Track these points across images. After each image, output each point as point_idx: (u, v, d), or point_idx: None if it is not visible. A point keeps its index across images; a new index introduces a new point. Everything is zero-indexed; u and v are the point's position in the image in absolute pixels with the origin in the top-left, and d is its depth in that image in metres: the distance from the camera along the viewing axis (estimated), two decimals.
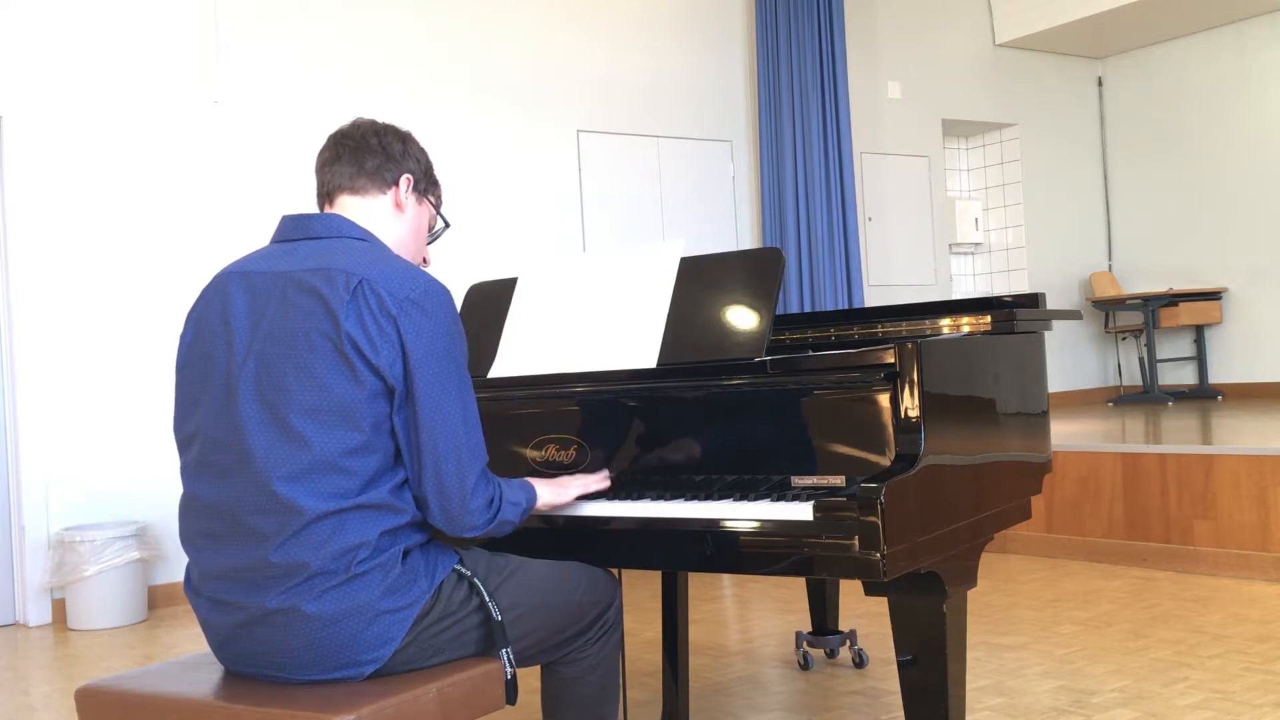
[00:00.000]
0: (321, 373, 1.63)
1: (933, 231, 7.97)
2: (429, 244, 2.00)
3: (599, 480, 2.03)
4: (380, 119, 1.95)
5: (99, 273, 4.94)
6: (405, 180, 1.89)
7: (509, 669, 1.73)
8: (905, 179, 7.83)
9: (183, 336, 1.80)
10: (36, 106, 4.85)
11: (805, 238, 6.75)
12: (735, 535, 1.82)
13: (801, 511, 1.74)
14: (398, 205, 1.89)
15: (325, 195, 1.88)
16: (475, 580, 1.75)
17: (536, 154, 6.20)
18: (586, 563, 1.94)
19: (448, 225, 2.02)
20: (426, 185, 1.94)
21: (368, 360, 1.63)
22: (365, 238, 1.80)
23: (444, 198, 6.35)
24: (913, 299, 7.49)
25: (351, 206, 1.85)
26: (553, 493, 1.94)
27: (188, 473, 1.74)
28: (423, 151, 1.95)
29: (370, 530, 1.63)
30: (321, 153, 1.90)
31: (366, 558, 1.63)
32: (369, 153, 1.86)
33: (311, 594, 1.61)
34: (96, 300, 4.92)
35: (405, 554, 1.68)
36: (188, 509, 1.74)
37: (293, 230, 1.81)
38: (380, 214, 1.86)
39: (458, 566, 1.76)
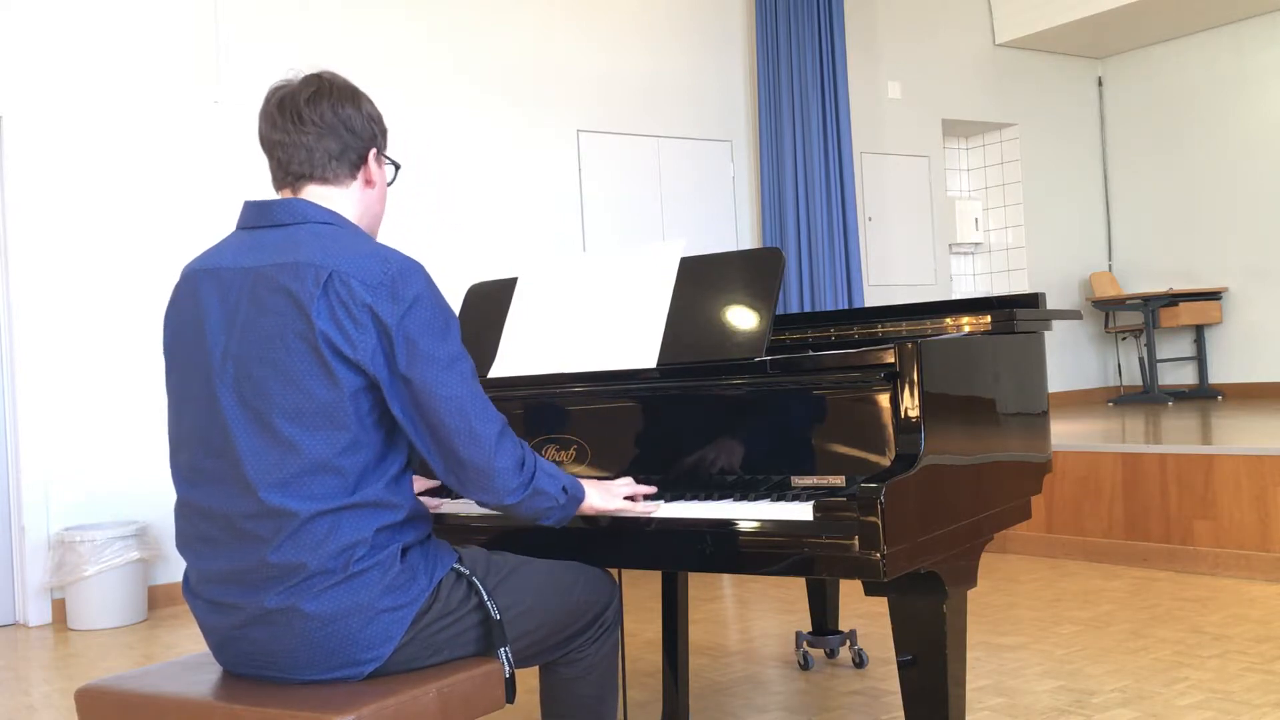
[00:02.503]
0: (301, 375, 1.60)
1: (933, 231, 7.97)
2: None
3: (646, 488, 1.95)
4: (324, 77, 1.78)
5: (99, 273, 4.94)
6: (372, 154, 1.80)
7: (508, 667, 1.72)
8: (905, 179, 7.83)
9: (163, 339, 1.77)
10: (36, 106, 4.85)
11: (805, 238, 6.75)
12: (735, 535, 1.81)
13: (801, 511, 1.74)
14: (368, 183, 1.81)
15: (286, 181, 1.77)
16: (474, 579, 1.74)
17: (536, 154, 6.20)
18: (586, 562, 1.94)
19: (399, 167, 1.89)
20: (384, 144, 1.84)
21: (345, 357, 1.59)
22: (331, 220, 1.72)
23: (446, 199, 6.32)
24: (913, 299, 7.48)
25: (319, 194, 1.76)
26: (600, 497, 1.86)
27: (180, 478, 1.72)
28: (373, 105, 1.83)
29: (366, 528, 1.63)
30: (273, 128, 1.75)
31: (364, 555, 1.62)
32: (332, 135, 1.75)
33: (310, 593, 1.60)
34: (97, 300, 4.92)
35: (404, 552, 1.68)
36: (183, 514, 1.72)
37: (256, 217, 1.73)
38: (351, 196, 1.78)
39: (456, 565, 1.75)
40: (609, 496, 1.88)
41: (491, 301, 2.48)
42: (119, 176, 5.01)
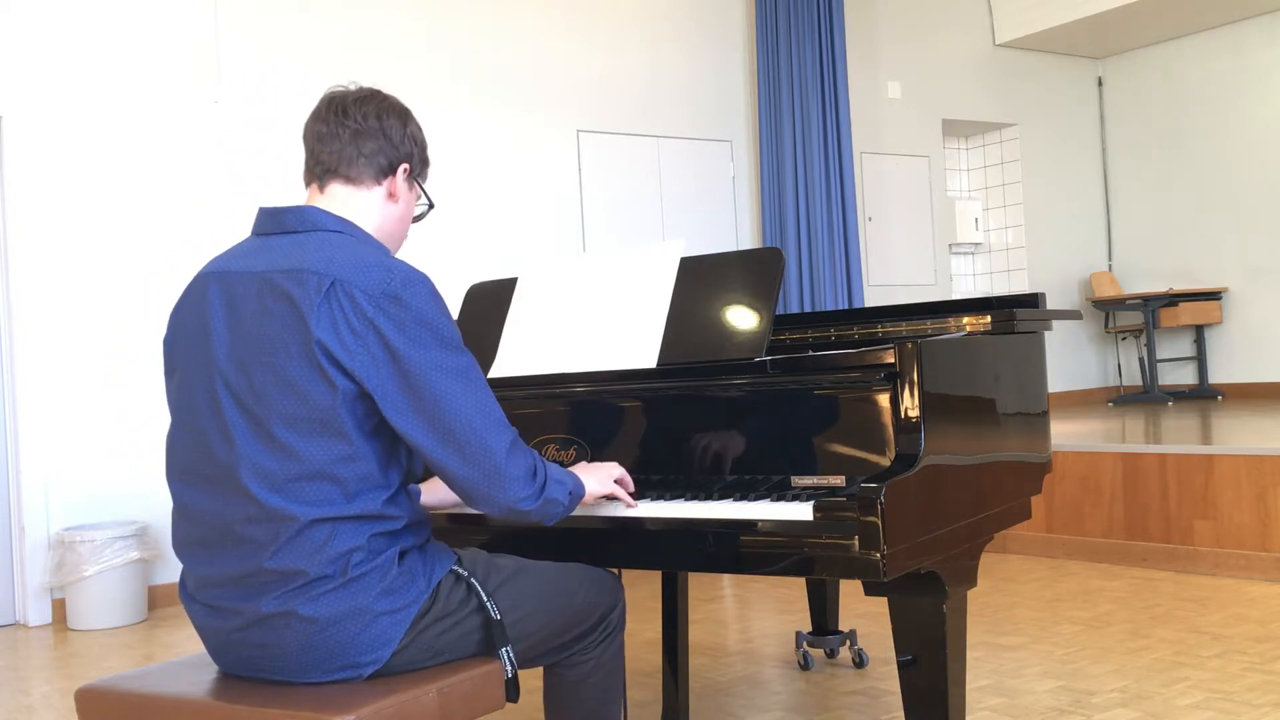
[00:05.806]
0: (300, 381, 1.59)
1: (933, 231, 7.97)
2: (412, 223, 1.91)
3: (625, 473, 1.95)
4: (383, 92, 1.85)
5: (99, 273, 4.94)
6: (403, 169, 1.82)
7: (509, 668, 1.72)
8: (905, 179, 7.83)
9: (166, 339, 1.77)
10: (36, 106, 4.85)
11: (805, 238, 6.75)
12: (735, 535, 1.81)
13: (801, 511, 1.74)
14: (391, 196, 1.81)
15: (317, 176, 1.80)
16: (473, 581, 1.73)
17: (536, 154, 6.20)
18: (586, 563, 1.93)
19: (432, 206, 1.91)
20: (420, 169, 1.86)
21: (340, 364, 1.58)
22: (341, 229, 1.72)
23: (445, 199, 6.32)
24: (913, 299, 7.49)
25: (341, 195, 1.78)
26: (597, 480, 1.88)
27: (175, 479, 1.71)
28: (420, 130, 1.87)
29: (362, 534, 1.62)
30: (317, 121, 1.80)
31: (362, 560, 1.61)
32: (369, 136, 1.78)
33: (307, 597, 1.60)
34: (97, 300, 4.92)
35: (402, 555, 1.67)
36: (179, 516, 1.72)
37: (268, 224, 1.74)
38: (371, 203, 1.79)
39: (455, 567, 1.74)
40: (604, 480, 1.89)
41: (491, 301, 2.48)
42: (119, 176, 5.01)
